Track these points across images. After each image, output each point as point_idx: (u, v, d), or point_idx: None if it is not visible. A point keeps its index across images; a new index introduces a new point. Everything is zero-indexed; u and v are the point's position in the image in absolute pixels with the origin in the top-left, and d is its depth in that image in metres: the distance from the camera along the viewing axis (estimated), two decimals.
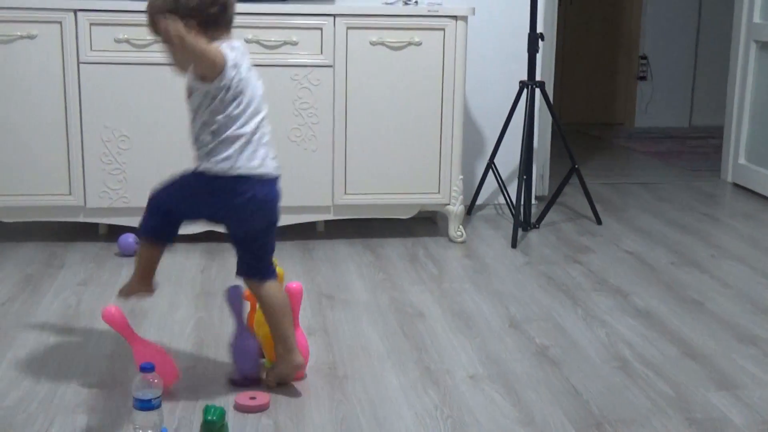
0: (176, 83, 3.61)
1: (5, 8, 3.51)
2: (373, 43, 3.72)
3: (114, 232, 3.84)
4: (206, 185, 2.38)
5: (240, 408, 2.33)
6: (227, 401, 2.37)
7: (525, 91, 4.09)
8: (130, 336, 2.44)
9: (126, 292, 2.54)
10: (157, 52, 3.59)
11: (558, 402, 2.42)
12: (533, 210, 4.26)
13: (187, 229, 3.72)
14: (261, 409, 2.33)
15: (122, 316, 2.42)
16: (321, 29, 3.67)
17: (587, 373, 2.61)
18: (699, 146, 6.62)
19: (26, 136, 3.60)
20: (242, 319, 2.50)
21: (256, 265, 2.47)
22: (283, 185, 3.75)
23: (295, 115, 3.72)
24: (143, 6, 3.58)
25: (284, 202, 3.76)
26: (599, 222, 4.29)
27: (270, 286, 2.46)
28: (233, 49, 2.36)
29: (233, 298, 2.48)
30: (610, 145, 6.71)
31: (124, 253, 3.62)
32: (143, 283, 2.53)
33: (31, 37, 3.53)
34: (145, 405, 2.11)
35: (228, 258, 3.62)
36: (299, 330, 2.55)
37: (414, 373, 2.59)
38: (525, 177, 4.07)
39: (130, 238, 3.62)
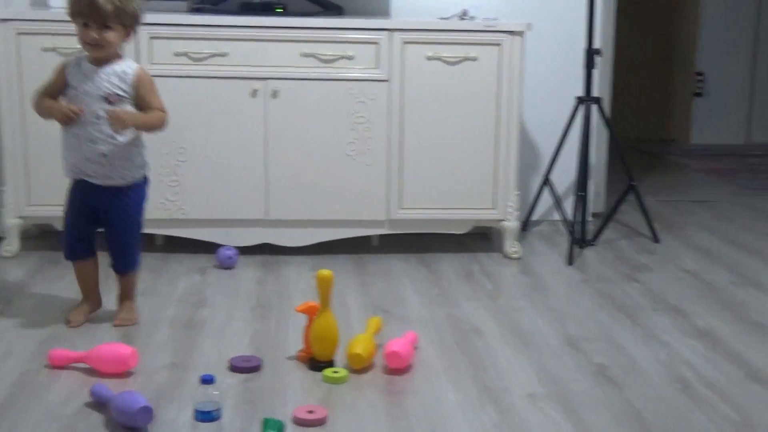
0: (233, 96, 3.66)
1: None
2: (429, 58, 3.72)
3: (171, 244, 3.88)
4: None
5: (298, 422, 2.32)
6: (285, 414, 2.37)
7: (581, 107, 4.05)
8: (81, 358, 2.63)
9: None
10: (215, 66, 3.64)
11: (618, 424, 2.38)
12: (589, 227, 4.22)
13: (243, 241, 3.77)
14: (319, 423, 2.33)
15: (63, 355, 2.64)
16: (377, 43, 3.68)
17: (648, 395, 2.57)
18: (757, 164, 6.51)
19: None
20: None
21: None
22: (339, 198, 3.78)
23: (351, 129, 3.73)
24: (202, 20, 3.65)
25: (339, 215, 3.80)
26: (657, 240, 4.24)
27: None
28: None
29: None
30: (665, 162, 6.64)
31: (223, 266, 3.63)
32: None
33: None
34: (206, 417, 2.12)
35: (283, 270, 3.64)
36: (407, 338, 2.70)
37: (471, 390, 2.57)
38: (581, 193, 4.04)
39: (228, 251, 3.63)
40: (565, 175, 4.34)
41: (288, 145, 3.71)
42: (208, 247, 3.79)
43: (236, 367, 2.65)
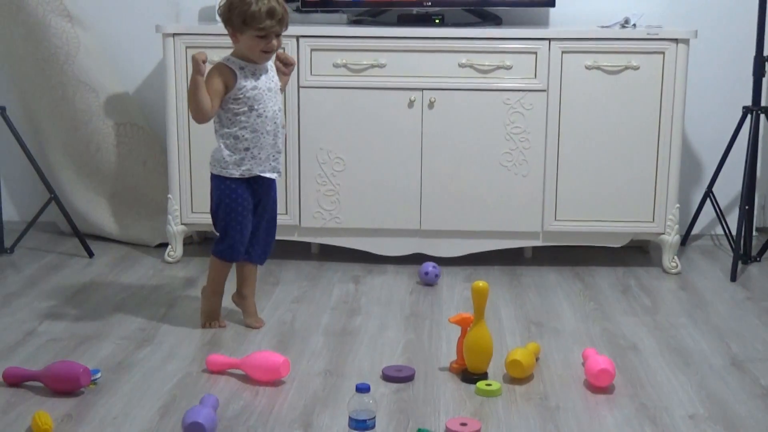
0: (391, 107, 3.69)
1: None
2: (588, 67, 3.65)
3: (325, 252, 3.94)
4: None
5: None
6: (438, 426, 2.36)
7: (749, 117, 3.89)
8: (236, 365, 2.68)
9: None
10: (373, 77, 3.68)
11: None
12: (754, 242, 4.04)
13: (397, 251, 3.80)
14: None
15: (220, 360, 2.71)
16: (536, 53, 3.64)
17: None
18: None
19: None
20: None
21: None
22: (493, 209, 3.76)
23: (507, 140, 3.70)
24: (361, 32, 3.70)
25: (493, 226, 3.77)
26: None
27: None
28: None
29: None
30: None
31: (426, 283, 3.63)
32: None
33: None
34: (361, 425, 2.14)
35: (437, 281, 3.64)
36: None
37: (629, 409, 2.50)
38: (747, 207, 3.87)
39: (429, 267, 3.62)
40: (729, 187, 4.17)
41: (443, 155, 3.71)
42: (362, 257, 3.83)
43: (389, 377, 2.67)
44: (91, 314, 3.21)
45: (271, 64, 3.03)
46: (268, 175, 3.02)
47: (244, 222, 3.01)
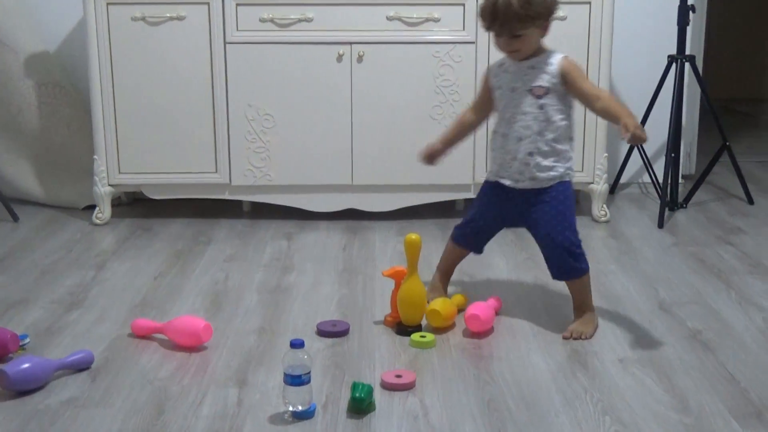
0: (319, 61, 3.65)
1: None
2: None
3: (257, 210, 3.91)
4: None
5: (386, 386, 2.33)
6: (374, 378, 2.37)
7: (674, 65, 3.94)
8: (159, 329, 2.64)
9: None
10: (301, 31, 3.63)
11: (714, 389, 2.33)
12: (680, 189, 4.12)
13: (329, 207, 3.79)
14: (407, 387, 2.32)
15: (143, 325, 2.66)
16: (463, 5, 3.62)
17: (744, 360, 2.50)
18: None
19: (174, 116, 3.69)
20: None
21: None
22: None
23: (437, 93, 3.69)
24: None
25: (424, 180, 3.77)
26: (751, 202, 4.11)
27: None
28: None
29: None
30: (759, 122, 6.43)
31: None
32: None
33: (180, 19, 3.61)
34: (296, 381, 2.14)
35: (369, 235, 3.64)
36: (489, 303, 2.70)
37: (561, 355, 2.54)
38: (673, 155, 3.94)
39: None
40: (655, 136, 4.23)
41: (374, 109, 3.70)
42: (294, 213, 3.81)
43: (324, 332, 2.67)
44: (18, 279, 3.15)
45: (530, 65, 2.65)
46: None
47: None
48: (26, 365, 2.30)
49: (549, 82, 2.62)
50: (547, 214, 2.67)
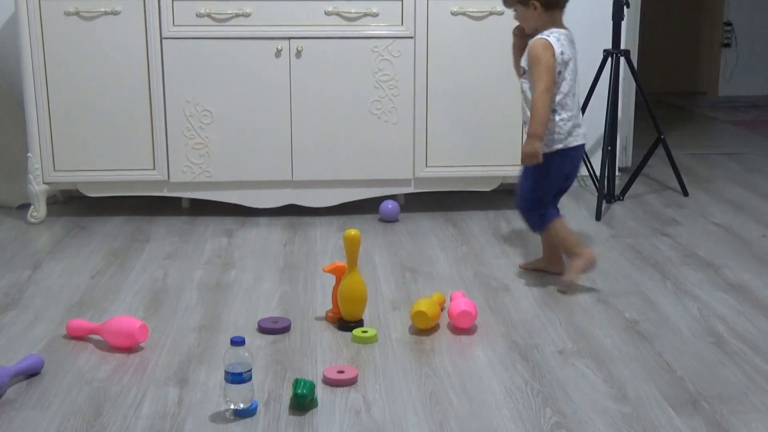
0: (257, 57, 3.63)
1: None
2: (454, 13, 3.67)
3: (197, 206, 3.87)
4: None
5: (328, 381, 2.32)
6: (316, 374, 2.37)
7: (609, 59, 3.99)
8: (94, 330, 2.58)
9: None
10: (239, 26, 3.60)
11: (651, 378, 2.37)
12: (617, 182, 4.17)
13: (269, 202, 3.77)
14: (349, 382, 2.32)
15: (78, 325, 2.60)
16: (401, 0, 3.63)
17: (680, 349, 2.55)
18: None
19: (111, 112, 3.64)
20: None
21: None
22: (364, 158, 3.76)
23: (376, 88, 3.69)
24: None
25: (365, 175, 3.77)
26: (686, 194, 4.19)
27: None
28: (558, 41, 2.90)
29: None
30: (693, 115, 6.55)
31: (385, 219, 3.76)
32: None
33: (114, 13, 3.56)
34: (237, 378, 2.12)
35: (310, 231, 3.63)
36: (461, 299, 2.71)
37: (502, 348, 2.56)
38: (609, 148, 3.99)
39: (390, 205, 3.75)
40: (592, 129, 4.27)
41: (313, 104, 3.69)
42: (234, 210, 3.79)
43: (265, 329, 2.66)
44: None
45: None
46: None
47: None
48: None
49: (525, 63, 2.94)
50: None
